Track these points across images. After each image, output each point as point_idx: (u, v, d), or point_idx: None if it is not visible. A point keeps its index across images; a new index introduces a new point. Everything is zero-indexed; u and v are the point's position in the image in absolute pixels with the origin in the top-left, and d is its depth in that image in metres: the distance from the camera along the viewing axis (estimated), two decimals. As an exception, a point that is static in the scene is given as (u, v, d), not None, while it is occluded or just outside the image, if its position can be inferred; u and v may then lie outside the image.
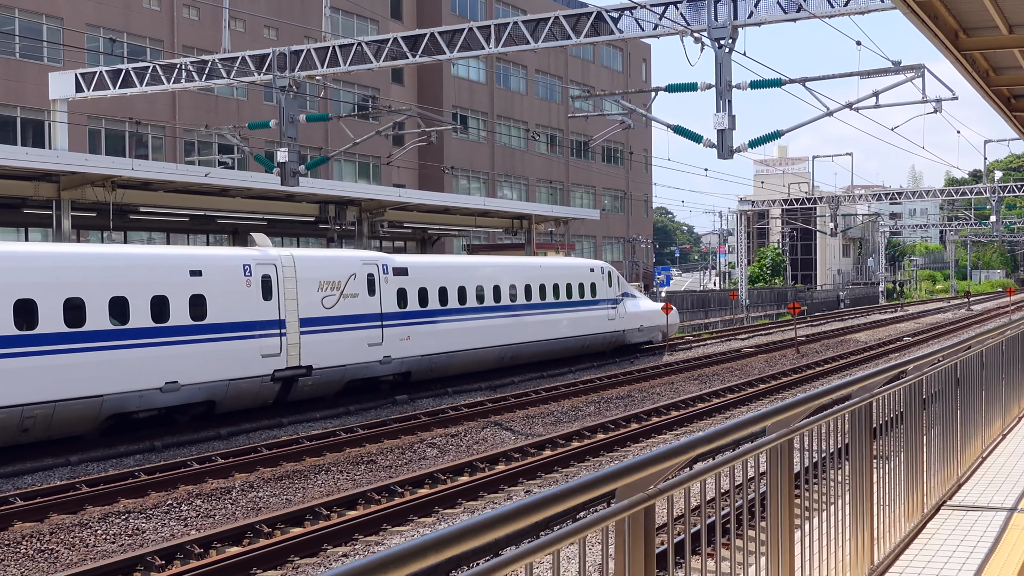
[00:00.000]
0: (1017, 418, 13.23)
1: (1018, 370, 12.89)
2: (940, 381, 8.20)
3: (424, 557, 2.48)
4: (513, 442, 20.26)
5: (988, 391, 10.51)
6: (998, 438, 11.63)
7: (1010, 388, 12.51)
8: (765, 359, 36.43)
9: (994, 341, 11.87)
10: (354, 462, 17.76)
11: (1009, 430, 12.61)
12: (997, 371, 11.16)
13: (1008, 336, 12.68)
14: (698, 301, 60.17)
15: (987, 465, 10.06)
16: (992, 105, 17.00)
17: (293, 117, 22.42)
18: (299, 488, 16.00)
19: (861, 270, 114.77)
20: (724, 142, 18.85)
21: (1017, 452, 10.86)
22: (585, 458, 17.76)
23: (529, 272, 33.13)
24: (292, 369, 23.79)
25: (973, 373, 9.55)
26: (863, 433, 6.28)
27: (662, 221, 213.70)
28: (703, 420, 22.35)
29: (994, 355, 10.97)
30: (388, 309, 26.81)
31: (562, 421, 22.85)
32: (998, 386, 11.33)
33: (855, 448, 6.17)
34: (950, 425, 8.56)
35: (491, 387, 29.12)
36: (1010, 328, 13.11)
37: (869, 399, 6.35)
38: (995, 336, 12.03)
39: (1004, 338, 12.43)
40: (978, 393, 9.88)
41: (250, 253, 23.25)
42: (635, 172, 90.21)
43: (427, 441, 19.65)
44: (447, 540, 2.57)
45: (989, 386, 10.57)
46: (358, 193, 33.73)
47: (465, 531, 2.65)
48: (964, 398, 9.07)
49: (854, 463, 6.16)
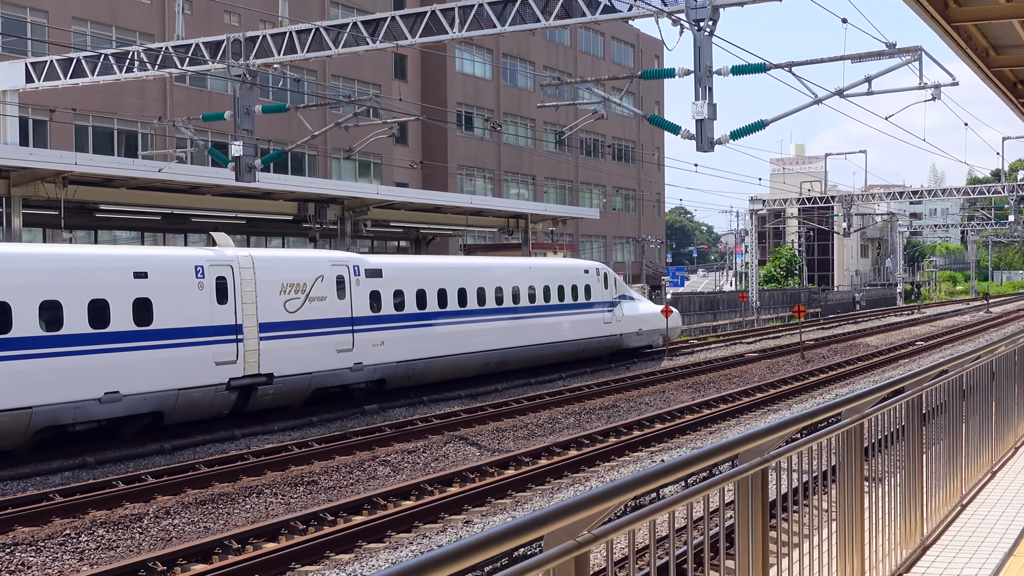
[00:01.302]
0: None
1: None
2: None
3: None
4: (477, 458, 18.69)
5: (998, 403, 9.64)
6: (1010, 451, 10.54)
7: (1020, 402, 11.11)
8: (768, 365, 34.74)
9: (1006, 350, 10.42)
10: (294, 483, 16.23)
11: (1021, 444, 11.10)
12: (1008, 381, 10.20)
13: (1021, 345, 11.24)
14: (706, 303, 58.42)
15: (994, 484, 9.16)
16: (996, 91, 15.32)
17: (249, 108, 20.93)
18: (224, 514, 14.49)
19: (880, 271, 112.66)
20: (704, 133, 17.23)
21: None
22: (546, 480, 16.17)
23: (517, 273, 31.55)
24: (250, 377, 22.30)
25: (982, 384, 8.84)
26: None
27: (680, 221, 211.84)
28: (687, 435, 20.72)
29: (1005, 365, 10.05)
30: (360, 313, 25.29)
31: (536, 435, 21.27)
32: (1008, 398, 10.28)
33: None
34: (955, 441, 7.90)
35: (471, 395, 27.56)
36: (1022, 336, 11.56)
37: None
38: (1007, 345, 10.61)
39: (1017, 347, 10.98)
40: (986, 406, 9.08)
41: (203, 253, 21.77)
42: (647, 171, 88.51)
43: (380, 458, 18.10)
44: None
45: (999, 398, 9.70)
46: (339, 191, 32.26)
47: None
48: (969, 412, 8.45)
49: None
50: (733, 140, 17.71)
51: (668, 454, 18.37)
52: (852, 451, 5.73)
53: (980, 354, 9.08)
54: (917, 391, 6.99)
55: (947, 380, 7.75)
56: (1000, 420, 9.83)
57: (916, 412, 6.98)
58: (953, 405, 7.89)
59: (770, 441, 4.47)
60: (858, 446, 5.77)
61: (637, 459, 18.08)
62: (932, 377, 7.43)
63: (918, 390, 7.01)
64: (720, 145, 17.53)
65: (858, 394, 5.88)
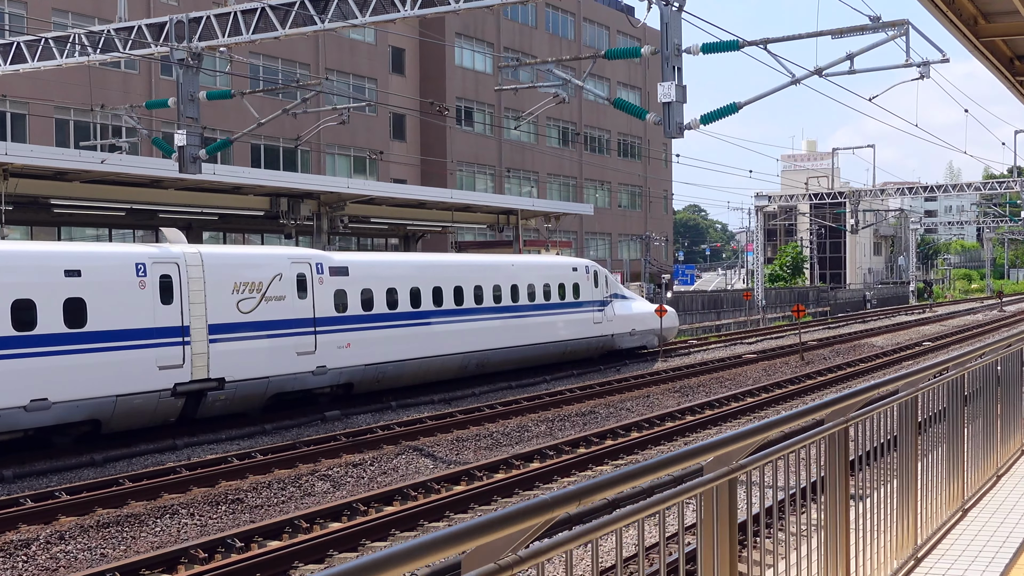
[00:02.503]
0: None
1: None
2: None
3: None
4: (429, 471, 17.25)
5: (1003, 404, 9.16)
6: (1016, 453, 9.84)
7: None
8: (764, 367, 33.17)
9: (1009, 349, 9.57)
10: (218, 501, 14.80)
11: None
12: (1013, 381, 9.61)
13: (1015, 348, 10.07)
14: (709, 302, 56.83)
15: (996, 488, 8.69)
16: (989, 67, 13.74)
17: (193, 95, 19.50)
18: (126, 539, 13.07)
19: (893, 269, 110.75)
20: (672, 117, 15.70)
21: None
22: (492, 499, 14.69)
23: (498, 271, 30.06)
24: (199, 382, 20.89)
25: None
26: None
27: (694, 219, 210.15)
28: (662, 444, 19.21)
29: (1011, 364, 9.51)
30: (323, 313, 23.86)
31: (501, 444, 19.80)
32: (1013, 398, 9.70)
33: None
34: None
35: (445, 400, 26.10)
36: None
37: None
38: (1011, 343, 9.69)
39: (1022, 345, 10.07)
40: (990, 407, 8.63)
41: (145, 250, 20.38)
42: (654, 167, 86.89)
43: (322, 472, 16.65)
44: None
45: (1003, 398, 9.20)
46: (313, 185, 30.86)
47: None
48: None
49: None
50: (704, 125, 16.18)
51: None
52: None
53: (984, 351, 8.61)
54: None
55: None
56: (1005, 421, 9.33)
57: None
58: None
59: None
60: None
61: (601, 472, 16.58)
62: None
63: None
64: (691, 130, 16.03)
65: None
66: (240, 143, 51.17)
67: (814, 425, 5.15)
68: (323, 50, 56.66)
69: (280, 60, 54.20)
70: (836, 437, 5.29)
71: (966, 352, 8.16)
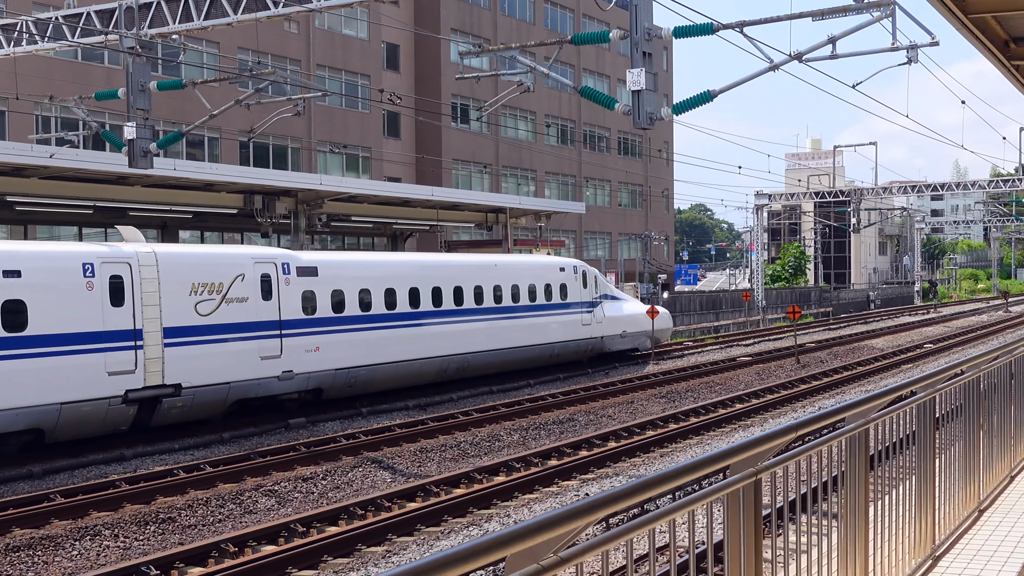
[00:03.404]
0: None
1: None
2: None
3: None
4: (385, 486, 16.16)
5: (1017, 405, 9.04)
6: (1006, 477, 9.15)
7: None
8: (759, 370, 32.02)
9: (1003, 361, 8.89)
10: (146, 520, 13.71)
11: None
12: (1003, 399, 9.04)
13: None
14: (708, 302, 55.65)
15: (1011, 488, 8.65)
16: (981, 48, 12.57)
17: (143, 85, 18.44)
18: (40, 563, 11.99)
19: (898, 269, 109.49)
20: (641, 106, 14.58)
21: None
22: (443, 519, 13.58)
23: (479, 271, 28.95)
24: (153, 388, 19.82)
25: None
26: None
27: (700, 219, 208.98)
28: (637, 456, 18.09)
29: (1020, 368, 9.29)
30: (290, 315, 22.78)
31: (467, 455, 18.69)
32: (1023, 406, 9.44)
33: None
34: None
35: (420, 406, 25.02)
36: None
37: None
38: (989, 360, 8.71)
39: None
40: (1004, 408, 8.61)
41: (94, 249, 19.30)
42: (655, 165, 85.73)
43: (266, 487, 15.56)
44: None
45: (1018, 400, 9.08)
46: (289, 182, 29.79)
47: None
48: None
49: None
50: (676, 115, 15.07)
51: (608, 482, 15.76)
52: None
53: (998, 354, 8.64)
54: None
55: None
56: (1020, 422, 9.38)
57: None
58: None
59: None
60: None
61: (566, 488, 15.47)
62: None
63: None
64: (662, 120, 14.92)
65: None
66: (228, 140, 50.18)
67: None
68: (314, 46, 55.63)
69: (270, 56, 53.16)
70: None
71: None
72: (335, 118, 56.86)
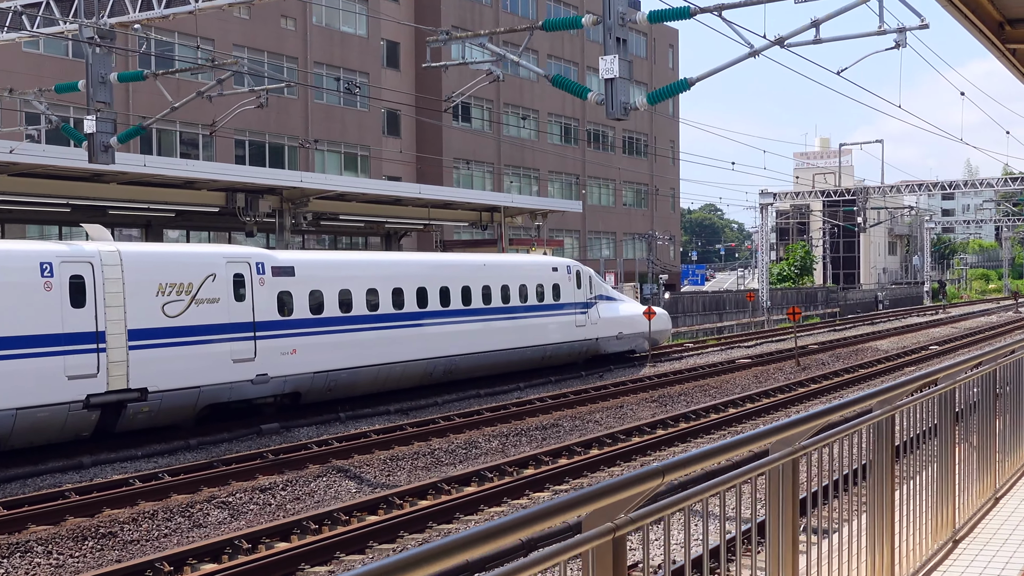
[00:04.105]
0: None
1: None
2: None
3: None
4: (350, 496, 15.34)
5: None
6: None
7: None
8: (757, 373, 31.13)
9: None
10: (85, 536, 12.91)
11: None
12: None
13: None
14: (711, 303, 54.71)
15: None
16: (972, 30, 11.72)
17: (104, 76, 17.67)
18: (-40, 582, 11.23)
19: (908, 268, 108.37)
20: (615, 95, 13.74)
21: None
22: (398, 535, 12.74)
23: (467, 271, 28.12)
24: (116, 393, 19.04)
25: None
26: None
27: (710, 219, 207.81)
28: (618, 465, 17.24)
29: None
30: (264, 317, 21.99)
31: (441, 463, 17.87)
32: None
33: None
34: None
35: (402, 410, 24.20)
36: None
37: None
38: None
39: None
40: (1021, 399, 8.74)
41: (53, 248, 18.53)
42: (661, 164, 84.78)
43: (220, 498, 14.75)
44: None
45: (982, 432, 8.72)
46: (273, 179, 29.03)
47: None
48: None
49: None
50: (651, 104, 14.22)
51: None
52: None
53: (1014, 348, 8.83)
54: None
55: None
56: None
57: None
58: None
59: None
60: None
61: (537, 501, 14.63)
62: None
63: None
64: (636, 111, 14.07)
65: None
66: (223, 138, 49.45)
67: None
68: (311, 43, 54.89)
69: (266, 53, 52.47)
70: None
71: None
72: (333, 116, 56.12)
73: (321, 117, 55.46)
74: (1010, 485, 8.79)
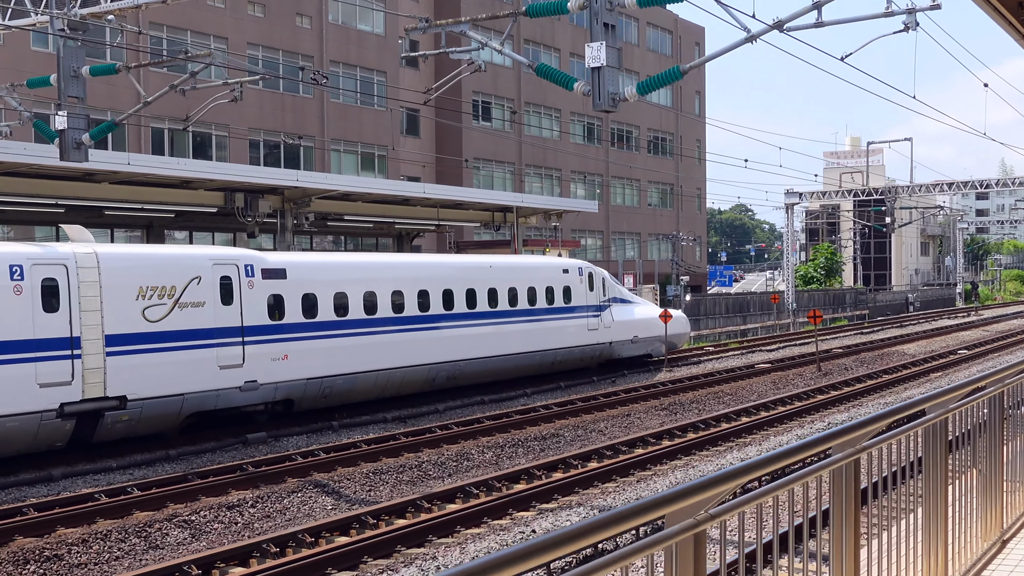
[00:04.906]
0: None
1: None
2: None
3: None
4: (324, 513, 14.41)
5: None
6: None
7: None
8: (775, 378, 29.97)
9: None
10: (27, 559, 12.01)
11: None
12: None
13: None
14: (735, 305, 53.47)
15: None
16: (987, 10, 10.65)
17: (76, 70, 16.84)
18: None
19: (940, 270, 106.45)
20: (602, 85, 12.73)
21: None
22: (361, 561, 11.77)
23: (472, 273, 27.15)
24: (93, 401, 18.20)
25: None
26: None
27: (740, 219, 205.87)
28: (612, 481, 16.21)
29: None
30: (253, 321, 21.11)
31: (429, 477, 16.90)
32: None
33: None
34: None
35: (400, 418, 23.25)
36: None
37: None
38: None
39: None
40: None
41: (23, 250, 17.71)
42: (687, 165, 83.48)
43: (183, 516, 13.83)
44: None
45: None
46: (273, 179, 28.15)
47: None
48: None
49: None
50: (641, 95, 13.19)
51: (565, 514, 13.88)
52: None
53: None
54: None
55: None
56: None
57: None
58: None
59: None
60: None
61: (520, 521, 13.61)
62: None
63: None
64: (626, 102, 13.05)
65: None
66: (237, 139, 48.76)
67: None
68: (327, 41, 54.15)
69: (281, 52, 51.77)
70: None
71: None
72: (349, 116, 55.34)
73: (337, 117, 54.72)
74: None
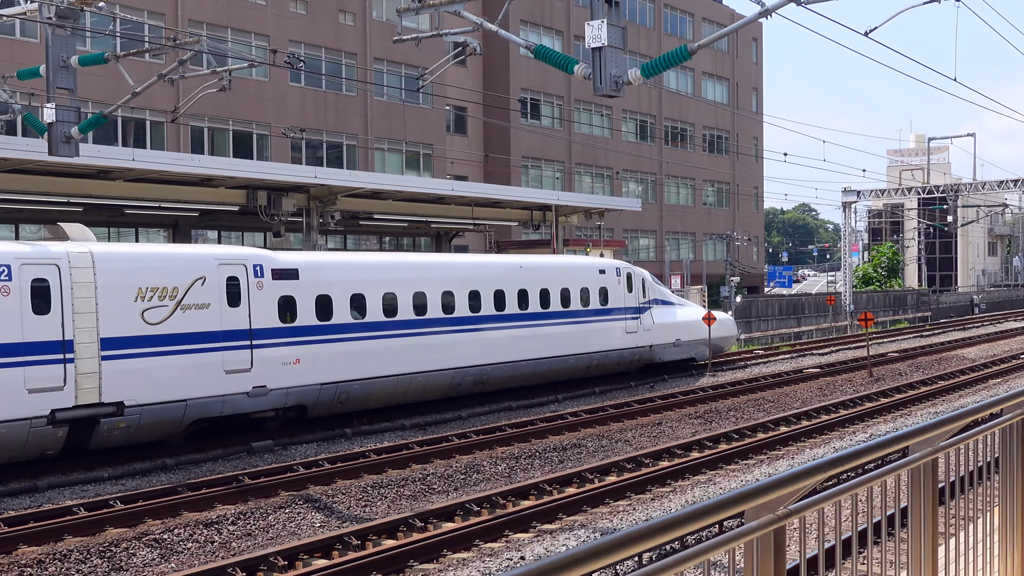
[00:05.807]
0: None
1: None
2: None
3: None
4: (309, 531, 13.37)
5: None
6: None
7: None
8: (823, 385, 28.47)
9: None
10: (-23, 581, 11.16)
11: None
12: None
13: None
14: (788, 307, 51.76)
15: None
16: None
17: (65, 61, 16.01)
18: None
19: (1009, 270, 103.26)
20: (604, 67, 11.54)
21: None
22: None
23: (500, 273, 26.02)
24: (87, 407, 17.36)
25: None
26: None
27: (803, 219, 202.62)
28: (621, 500, 14.98)
29: None
30: (263, 324, 20.18)
31: (432, 491, 15.80)
32: None
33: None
34: None
35: (419, 425, 22.20)
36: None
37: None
38: None
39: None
40: None
41: (12, 249, 16.91)
42: (744, 163, 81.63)
43: (154, 535, 12.84)
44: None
45: None
46: (297, 177, 27.24)
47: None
48: None
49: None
50: (646, 77, 11.97)
51: (564, 537, 12.70)
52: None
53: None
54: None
55: None
56: None
57: None
58: None
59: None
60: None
61: (514, 544, 12.44)
62: None
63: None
64: (630, 85, 11.85)
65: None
66: (276, 137, 48.13)
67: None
68: (371, 39, 53.37)
69: (323, 49, 51.09)
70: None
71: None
72: (394, 114, 54.53)
73: (381, 114, 53.95)
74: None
